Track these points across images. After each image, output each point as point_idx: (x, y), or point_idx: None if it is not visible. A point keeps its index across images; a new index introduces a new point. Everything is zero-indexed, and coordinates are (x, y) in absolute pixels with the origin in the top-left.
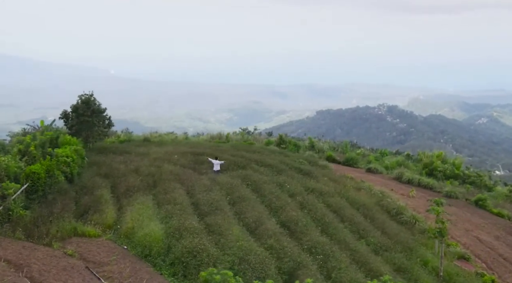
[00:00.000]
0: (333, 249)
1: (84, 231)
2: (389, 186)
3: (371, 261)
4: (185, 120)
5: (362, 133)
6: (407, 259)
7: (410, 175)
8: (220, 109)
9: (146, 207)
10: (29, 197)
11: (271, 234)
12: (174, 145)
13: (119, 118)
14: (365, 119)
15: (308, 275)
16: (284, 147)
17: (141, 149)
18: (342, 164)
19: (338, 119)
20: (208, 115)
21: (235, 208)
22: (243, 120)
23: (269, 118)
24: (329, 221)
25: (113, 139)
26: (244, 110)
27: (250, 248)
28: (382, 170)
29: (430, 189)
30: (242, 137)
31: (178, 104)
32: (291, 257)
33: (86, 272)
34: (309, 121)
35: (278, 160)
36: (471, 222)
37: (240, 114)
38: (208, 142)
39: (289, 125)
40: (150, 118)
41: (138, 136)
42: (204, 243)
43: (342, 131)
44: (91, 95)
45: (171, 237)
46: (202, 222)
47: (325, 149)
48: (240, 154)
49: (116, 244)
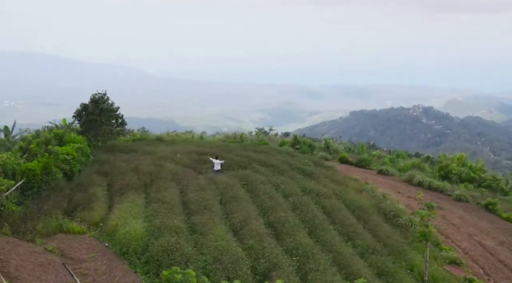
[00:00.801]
0: (315, 251)
1: (69, 227)
2: (398, 188)
3: (353, 264)
4: (218, 120)
5: (396, 135)
6: (393, 262)
7: (421, 177)
8: (254, 109)
9: (134, 205)
10: (24, 193)
11: (255, 234)
12: (184, 144)
13: (154, 117)
14: (399, 121)
15: (282, 276)
16: (298, 148)
17: (149, 147)
18: (355, 165)
19: (371, 120)
20: (241, 115)
21: (225, 207)
22: (276, 120)
23: (302, 119)
24: (318, 223)
25: (127, 138)
26: (277, 111)
27: (226, 248)
28: (393, 172)
29: (441, 192)
30: (258, 137)
31: (212, 103)
32: (268, 258)
33: (62, 268)
34: (342, 122)
35: (282, 160)
36: (477, 226)
37: (273, 114)
38: (222, 141)
39: (322, 126)
40: (184, 118)
41: (152, 135)
42: (180, 242)
43: (376, 132)
44: (104, 94)
45: (150, 235)
46: (188, 221)
47: (340, 150)
48: (246, 154)
49: (98, 241)
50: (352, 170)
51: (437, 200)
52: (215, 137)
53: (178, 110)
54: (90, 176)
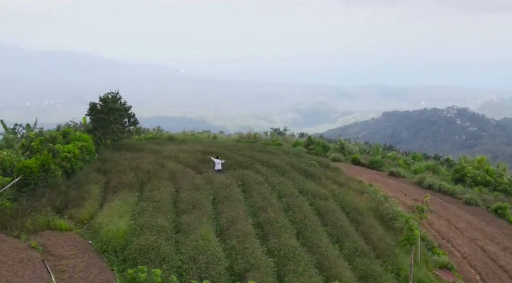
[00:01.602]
0: (297, 252)
1: (57, 224)
2: (406, 190)
3: (335, 266)
4: (250, 120)
5: (429, 136)
6: (380, 265)
7: (432, 180)
8: (286, 109)
9: (124, 204)
10: (21, 190)
11: (239, 234)
12: (193, 144)
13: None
14: (432, 122)
15: (256, 277)
16: (311, 148)
17: (157, 146)
18: (367, 167)
19: (404, 121)
20: (273, 115)
21: (216, 207)
22: (308, 120)
23: (334, 119)
24: (308, 224)
25: (140, 137)
26: (309, 111)
27: (205, 248)
28: (405, 174)
29: (451, 195)
30: (272, 137)
31: (244, 103)
32: (247, 258)
33: (41, 264)
34: (374, 123)
35: (286, 161)
36: (483, 230)
37: (305, 114)
38: (236, 141)
39: (354, 127)
40: (216, 117)
41: (166, 134)
42: (159, 241)
43: (408, 133)
44: (117, 93)
45: (132, 234)
46: (175, 220)
47: (354, 151)
48: (250, 154)
49: (83, 238)
50: (363, 171)
51: (446, 203)
52: (229, 137)
53: (211, 110)
54: (89, 173)
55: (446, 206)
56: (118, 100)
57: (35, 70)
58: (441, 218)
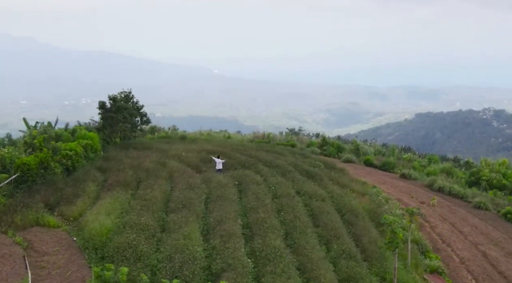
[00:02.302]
0: (279, 253)
1: (45, 221)
2: (415, 193)
3: (317, 268)
4: (282, 120)
5: (464, 139)
6: (367, 268)
7: (442, 182)
8: (317, 109)
9: (115, 201)
10: (19, 187)
11: (224, 234)
12: (202, 143)
13: (219, 116)
14: (467, 124)
15: (231, 277)
16: (325, 149)
17: (165, 145)
18: (379, 168)
19: (438, 122)
20: (305, 115)
21: (208, 206)
22: (340, 121)
23: (366, 120)
24: (298, 225)
25: (153, 136)
26: (341, 111)
27: (185, 247)
28: (416, 176)
29: (461, 198)
30: (287, 137)
31: (276, 103)
32: (225, 258)
33: (21, 260)
34: (407, 124)
35: (291, 161)
36: (489, 235)
37: (337, 115)
38: (250, 141)
39: (386, 128)
40: (248, 117)
41: (179, 133)
42: (138, 239)
43: (442, 135)
44: (129, 93)
45: (114, 231)
46: (162, 219)
47: (369, 153)
48: (255, 154)
49: (69, 235)
50: (373, 173)
51: (454, 206)
52: (243, 137)
53: (243, 110)
54: (89, 171)
55: (454, 209)
56: (130, 100)
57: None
58: (446, 222)
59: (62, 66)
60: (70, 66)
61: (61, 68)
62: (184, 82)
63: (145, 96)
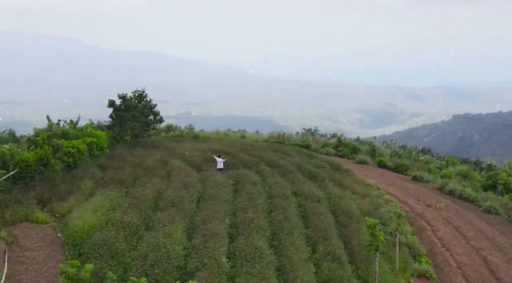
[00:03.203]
0: (259, 254)
1: (34, 217)
2: (424, 195)
3: (296, 269)
4: (316, 120)
5: (503, 141)
6: (351, 271)
7: (454, 185)
8: (352, 110)
9: (105, 199)
10: (17, 183)
11: (207, 233)
12: (213, 142)
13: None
14: (507, 126)
15: (205, 276)
16: (340, 150)
17: (174, 144)
18: (392, 170)
19: (476, 124)
20: (339, 115)
21: (199, 206)
22: (375, 122)
23: (402, 121)
24: (286, 226)
25: (167, 135)
26: (376, 112)
27: (162, 245)
28: (429, 179)
29: (472, 202)
30: (302, 138)
31: (311, 103)
32: (202, 258)
33: (1, 255)
34: (444, 126)
35: (295, 162)
36: (494, 240)
37: (372, 115)
38: (265, 141)
39: (422, 129)
40: (283, 117)
41: (194, 132)
42: (117, 237)
43: (480, 137)
44: (143, 92)
45: (96, 228)
46: (149, 217)
47: (385, 154)
48: (261, 154)
49: (55, 231)
50: (386, 175)
51: (463, 210)
52: (259, 137)
53: (278, 110)
54: (88, 168)
55: (462, 213)
56: (143, 98)
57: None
58: (450, 225)
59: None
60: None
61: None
62: (219, 82)
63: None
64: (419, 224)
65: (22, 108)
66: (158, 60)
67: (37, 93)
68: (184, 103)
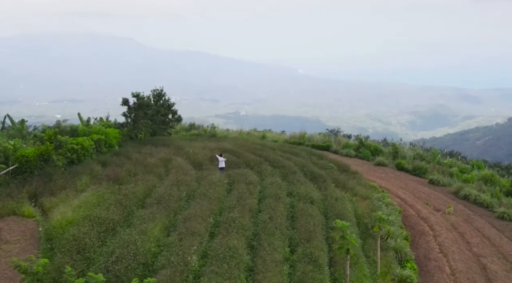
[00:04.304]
0: (230, 254)
1: (22, 211)
2: (436, 199)
3: (266, 270)
4: (365, 121)
5: None
6: (329, 274)
7: (468, 190)
8: (402, 111)
9: (94, 195)
10: (16, 177)
11: (185, 232)
12: (226, 142)
13: (303, 116)
14: None
15: (167, 274)
16: (360, 152)
17: (186, 142)
18: (410, 173)
19: None
20: (389, 117)
21: (186, 204)
22: (426, 123)
23: (454, 123)
24: (270, 226)
25: (186, 133)
26: (428, 113)
27: (133, 242)
28: (445, 182)
29: (486, 207)
30: (324, 138)
31: (360, 104)
32: (170, 256)
33: None
34: (498, 129)
35: (300, 162)
36: (501, 248)
37: (423, 117)
38: (284, 141)
39: (475, 132)
40: (331, 117)
41: (215, 131)
42: (89, 233)
43: None
44: (161, 90)
45: (73, 224)
46: (131, 214)
47: (408, 156)
48: (267, 153)
49: (38, 225)
50: (402, 178)
51: (474, 215)
52: (280, 137)
53: (326, 110)
54: (89, 165)
55: (473, 218)
56: (162, 97)
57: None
58: (454, 231)
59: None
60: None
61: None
62: (269, 82)
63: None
64: (421, 228)
65: (80, 106)
66: (208, 60)
67: (93, 92)
68: (233, 103)
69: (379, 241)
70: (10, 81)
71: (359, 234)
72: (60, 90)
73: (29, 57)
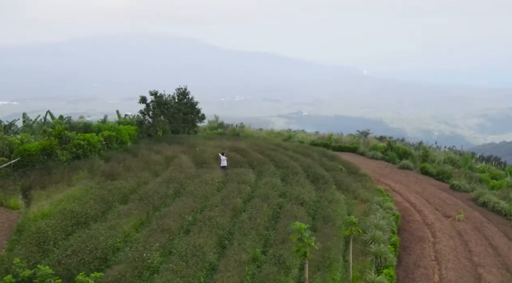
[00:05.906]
0: (195, 252)
1: (8, 203)
2: (452, 206)
3: (227, 271)
4: (431, 123)
5: None
6: (292, 277)
7: (487, 197)
8: (470, 114)
9: (80, 189)
10: (17, 170)
11: (157, 229)
12: (243, 141)
13: (366, 117)
14: None
15: (121, 270)
16: (387, 154)
17: (201, 140)
18: (434, 177)
19: None
20: (456, 119)
21: (170, 201)
22: (496, 127)
23: None
24: (246, 226)
25: (210, 132)
26: (499, 117)
27: (96, 237)
28: (467, 188)
29: (504, 215)
30: (353, 139)
31: (425, 106)
32: (131, 252)
33: None
34: None
35: (306, 163)
36: (506, 258)
37: (494, 120)
38: (310, 143)
39: None
40: (395, 119)
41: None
42: (55, 226)
43: None
44: (185, 89)
45: (46, 217)
46: (112, 210)
47: (437, 160)
48: (276, 154)
49: (19, 217)
50: (421, 182)
51: (488, 223)
52: (308, 138)
53: (389, 112)
54: (91, 160)
55: (485, 226)
56: (186, 96)
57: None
58: (458, 239)
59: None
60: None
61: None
62: (332, 82)
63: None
64: (421, 234)
65: None
66: (273, 61)
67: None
68: (296, 103)
69: (356, 245)
70: (87, 80)
71: (343, 237)
72: (132, 89)
73: (104, 58)
